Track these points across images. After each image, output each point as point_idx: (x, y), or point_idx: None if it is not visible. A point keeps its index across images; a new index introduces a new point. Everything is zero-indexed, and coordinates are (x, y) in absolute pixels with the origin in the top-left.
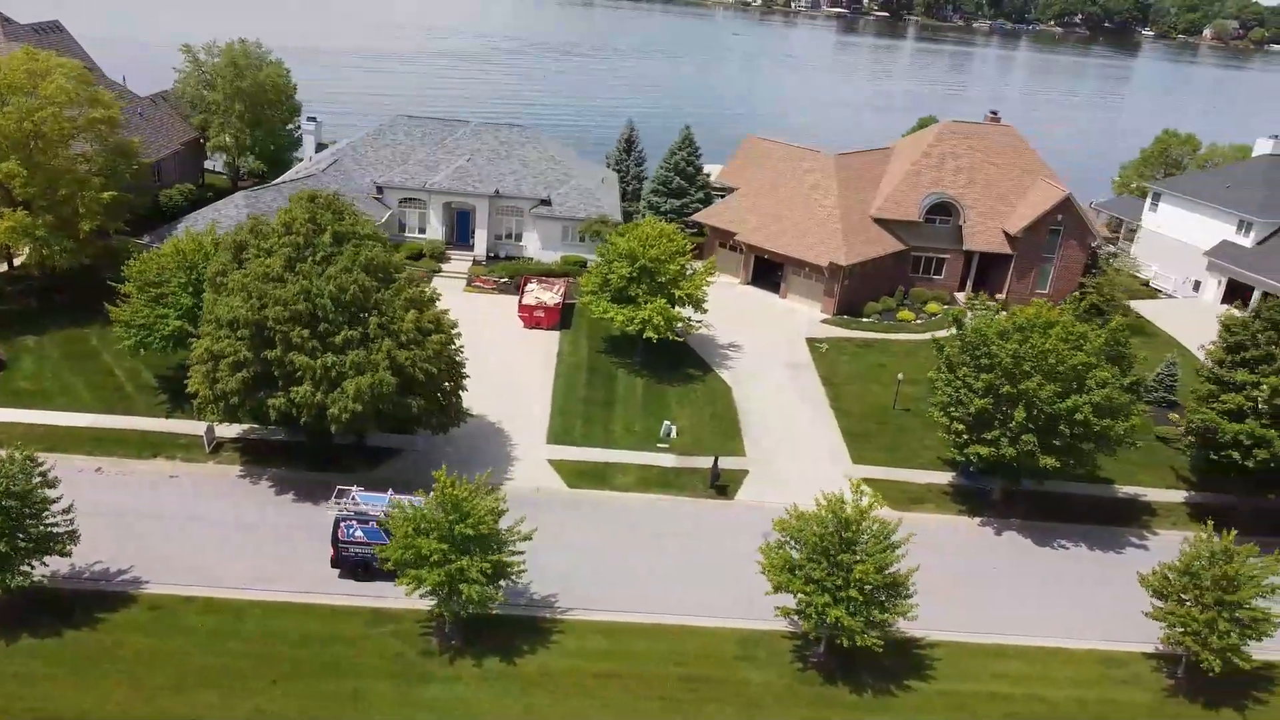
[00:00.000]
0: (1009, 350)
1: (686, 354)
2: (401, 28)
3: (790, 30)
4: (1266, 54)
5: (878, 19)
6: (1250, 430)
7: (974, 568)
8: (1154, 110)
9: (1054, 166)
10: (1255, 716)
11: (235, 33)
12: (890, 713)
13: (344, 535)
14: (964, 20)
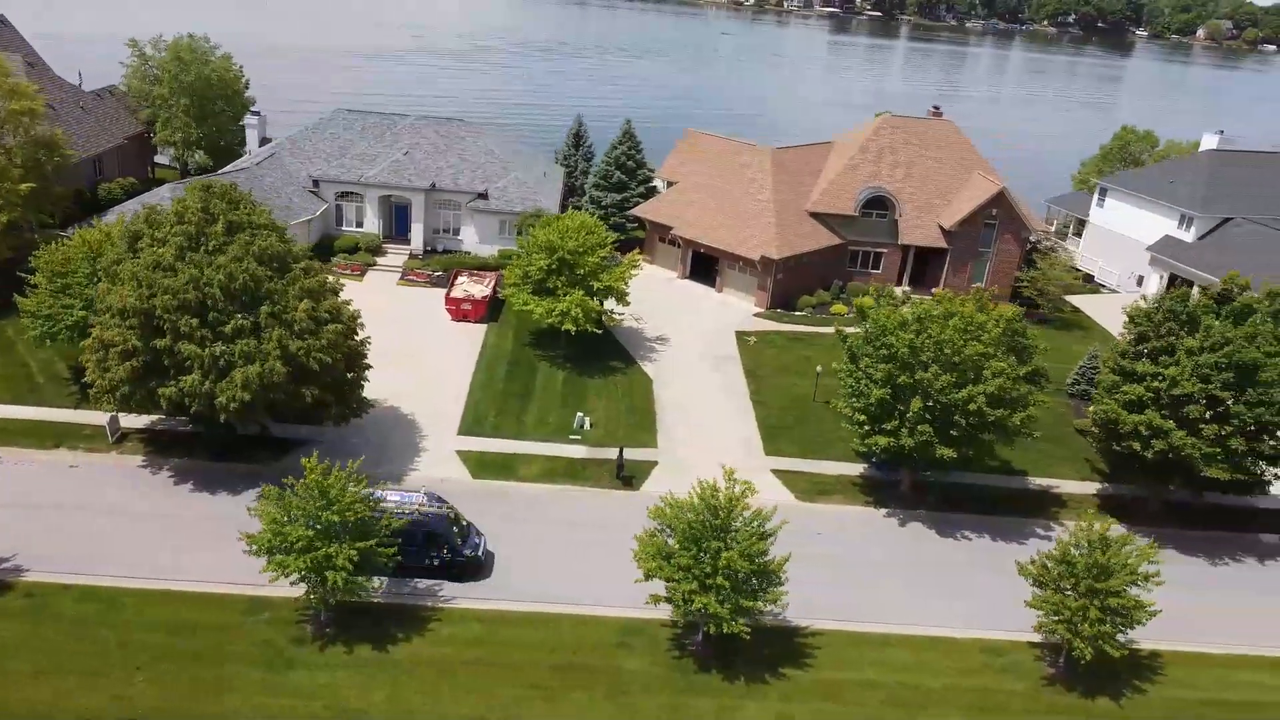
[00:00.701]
0: (905, 341)
1: (612, 347)
2: (383, 25)
3: (782, 30)
4: (1261, 54)
5: (870, 19)
6: (1148, 421)
7: (870, 558)
8: (1142, 109)
9: (1036, 164)
10: (1132, 705)
11: (221, 30)
12: (756, 699)
13: None
14: (957, 20)
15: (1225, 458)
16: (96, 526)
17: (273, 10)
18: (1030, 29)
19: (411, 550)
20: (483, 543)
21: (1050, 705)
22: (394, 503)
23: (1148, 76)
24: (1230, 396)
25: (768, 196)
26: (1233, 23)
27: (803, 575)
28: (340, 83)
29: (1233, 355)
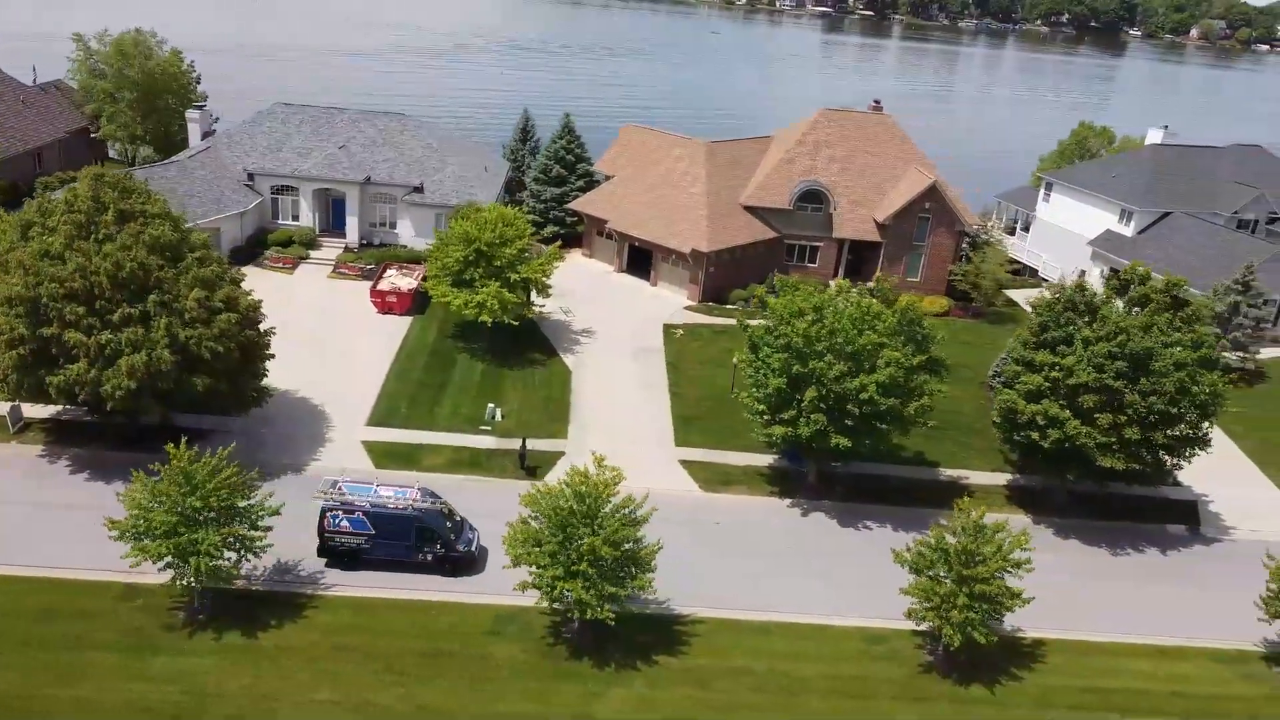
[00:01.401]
0: (800, 330)
1: (536, 339)
2: (369, 24)
3: (773, 29)
4: (1254, 54)
5: (863, 18)
6: (1044, 410)
7: (766, 547)
8: (1128, 108)
9: (1010, 161)
10: (1005, 692)
11: (208, 27)
12: (623, 685)
13: (329, 525)
14: (949, 20)
15: (1120, 447)
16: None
17: (264, 9)
18: (1023, 29)
19: (406, 546)
20: (476, 538)
21: (922, 692)
22: (389, 497)
23: (1139, 76)
24: (1124, 386)
25: (700, 190)
26: (1226, 22)
27: (694, 564)
28: (315, 80)
29: (1126, 345)
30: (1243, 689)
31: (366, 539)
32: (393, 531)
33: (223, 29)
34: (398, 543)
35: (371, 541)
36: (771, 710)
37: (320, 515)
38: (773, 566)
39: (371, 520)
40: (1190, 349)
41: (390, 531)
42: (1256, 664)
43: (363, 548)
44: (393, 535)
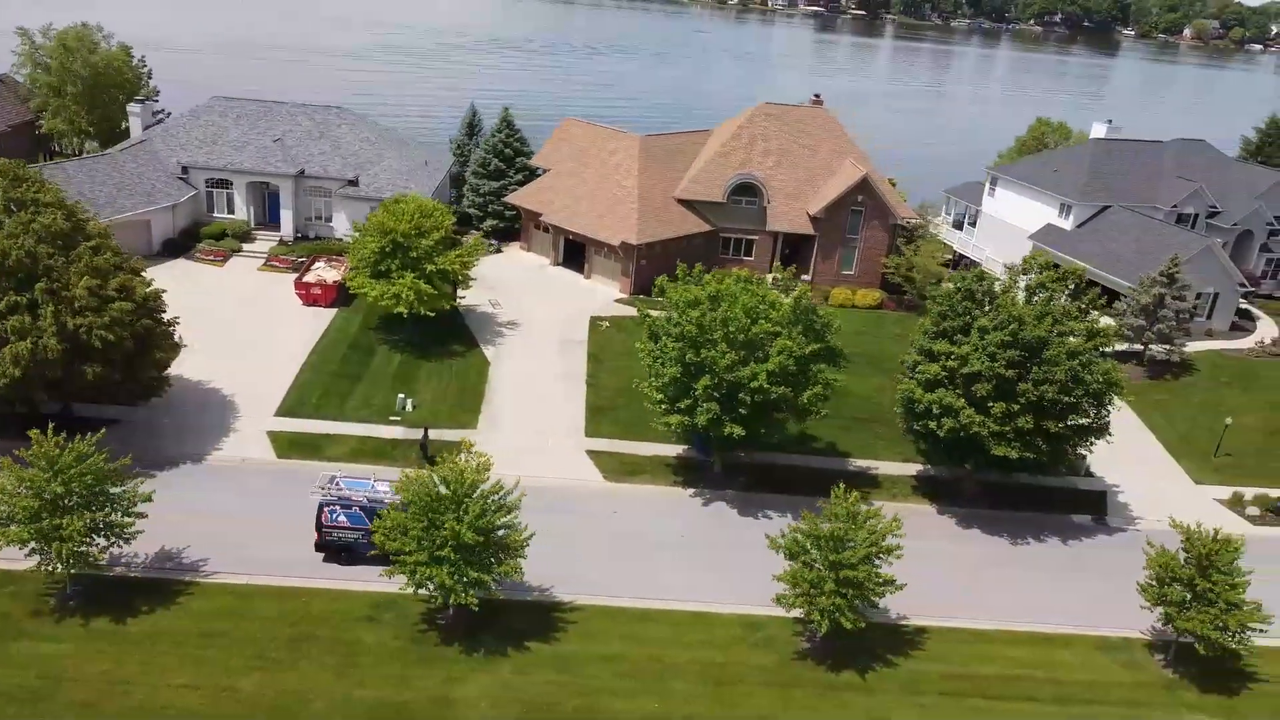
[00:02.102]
0: (694, 319)
1: (460, 331)
2: (353, 23)
3: (763, 29)
4: (1247, 53)
5: (855, 18)
6: (939, 399)
7: (658, 536)
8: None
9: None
10: (875, 678)
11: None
12: (489, 671)
13: (327, 520)
14: (942, 19)
15: (1015, 436)
16: None
17: (252, 7)
18: (1016, 28)
19: None
20: None
21: (792, 678)
22: (385, 492)
23: (1130, 75)
24: (1015, 375)
25: (633, 183)
26: (1219, 22)
27: (585, 552)
28: (286, 78)
29: (1018, 333)
30: (1120, 675)
31: (364, 534)
32: None
33: (207, 28)
34: None
35: (368, 536)
36: (632, 695)
37: (318, 510)
38: (665, 555)
39: (369, 515)
40: (1084, 338)
41: None
42: (1140, 651)
43: (360, 542)
44: None
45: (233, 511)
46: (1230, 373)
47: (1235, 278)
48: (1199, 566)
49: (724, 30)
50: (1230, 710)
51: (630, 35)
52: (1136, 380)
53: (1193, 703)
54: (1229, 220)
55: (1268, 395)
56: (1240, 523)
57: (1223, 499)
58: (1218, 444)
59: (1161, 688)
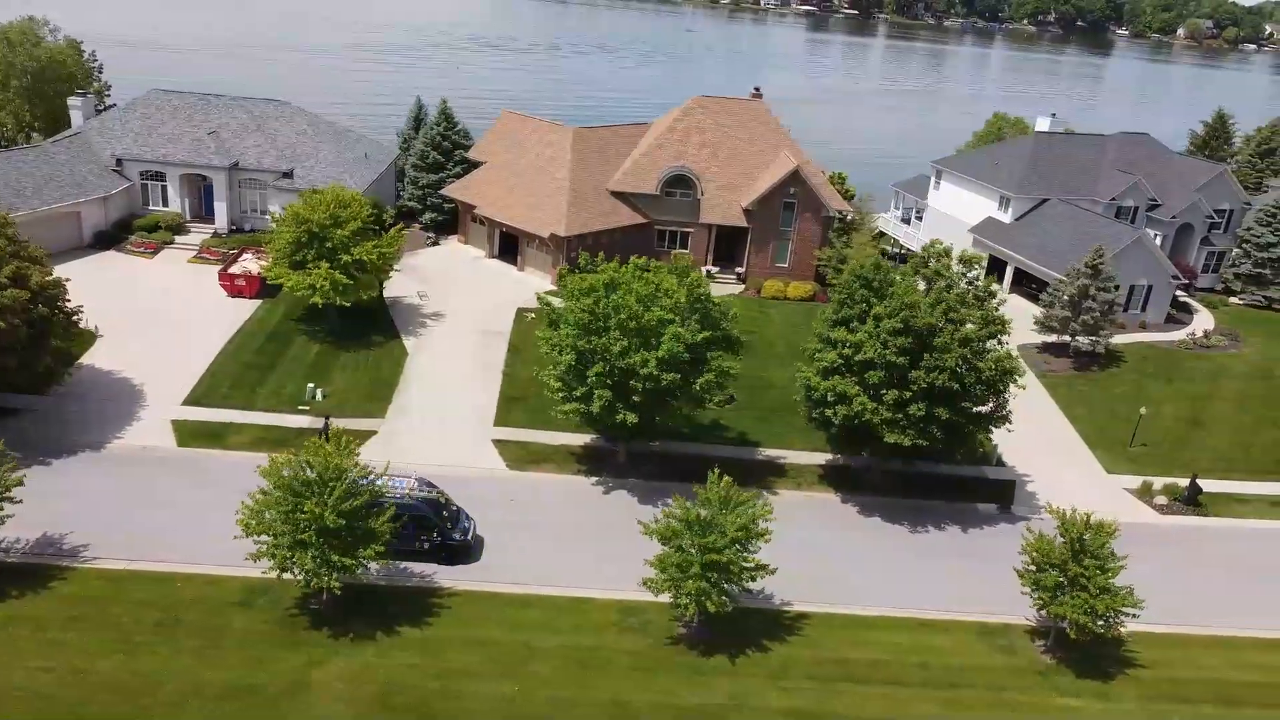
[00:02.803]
0: (586, 306)
1: (384, 322)
2: (330, 20)
3: (754, 28)
4: (1241, 53)
5: (848, 17)
6: (833, 386)
7: (552, 522)
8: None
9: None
10: (745, 662)
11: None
12: (350, 655)
13: None
14: (935, 19)
15: (909, 424)
16: None
17: (236, 5)
18: (1009, 28)
19: (402, 534)
20: (472, 527)
21: (659, 661)
22: (386, 487)
23: (1120, 75)
24: (907, 362)
25: (565, 175)
26: (1213, 22)
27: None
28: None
29: (909, 320)
30: (994, 660)
31: None
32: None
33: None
34: (396, 531)
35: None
36: (492, 678)
37: None
38: (559, 542)
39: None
40: (979, 325)
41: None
42: (1020, 637)
43: None
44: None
45: (123, 499)
46: (1157, 364)
47: (1169, 270)
48: (1071, 551)
49: (714, 30)
50: (1102, 694)
51: (617, 34)
52: (1062, 372)
53: (1065, 687)
54: (1168, 214)
55: (1191, 387)
56: (1147, 512)
57: (1132, 488)
58: (1133, 434)
59: (1034, 673)
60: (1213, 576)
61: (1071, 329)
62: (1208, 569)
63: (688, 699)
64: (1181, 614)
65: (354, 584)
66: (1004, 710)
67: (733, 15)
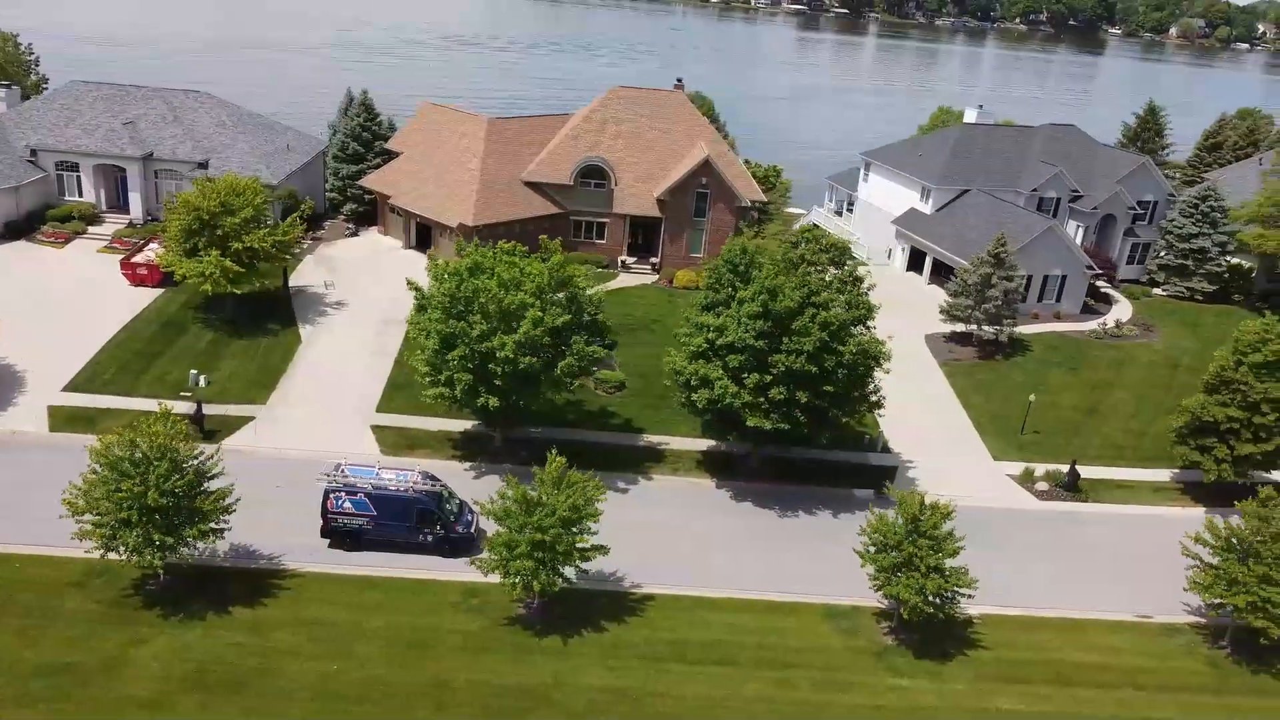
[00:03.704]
0: (447, 290)
1: (284, 311)
2: (311, 18)
3: (743, 27)
4: (1233, 52)
5: (838, 16)
6: (696, 370)
7: None
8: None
9: None
10: (577, 643)
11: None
12: (176, 634)
13: (333, 506)
14: (926, 18)
15: (771, 408)
16: None
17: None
18: (1001, 27)
19: (406, 526)
20: (475, 519)
21: (490, 641)
22: (390, 480)
23: (1111, 74)
24: (766, 345)
25: (476, 165)
26: (1205, 21)
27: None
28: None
29: (769, 305)
30: (834, 641)
31: (368, 520)
32: (394, 513)
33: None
34: (399, 524)
35: (373, 523)
36: (315, 657)
37: (324, 497)
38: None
39: (374, 502)
40: (842, 309)
41: (391, 513)
42: (866, 619)
43: (365, 529)
44: (394, 516)
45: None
46: (1062, 354)
47: (1083, 261)
48: (906, 532)
49: (703, 29)
50: (936, 674)
51: (601, 34)
52: (966, 360)
53: (900, 668)
54: (1090, 205)
55: (1092, 375)
56: (1026, 497)
57: (1015, 475)
58: (1024, 422)
59: (872, 654)
60: (1074, 561)
61: (974, 318)
62: (1071, 553)
63: (509, 678)
64: (1035, 597)
65: (201, 565)
66: (831, 690)
67: (723, 15)
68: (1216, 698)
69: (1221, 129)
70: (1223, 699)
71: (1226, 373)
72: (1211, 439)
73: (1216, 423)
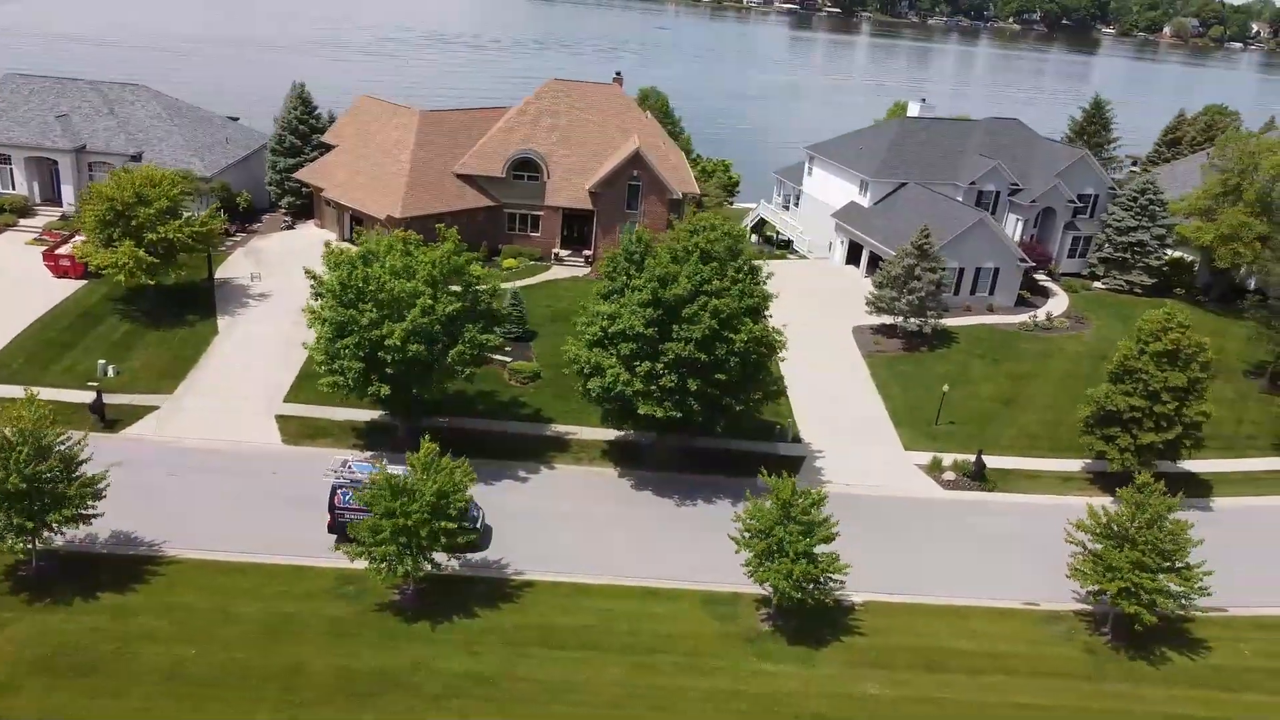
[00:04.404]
0: (338, 278)
1: (206, 302)
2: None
3: (735, 26)
4: (1227, 51)
5: (831, 16)
6: (590, 358)
7: (301, 494)
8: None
9: None
10: (448, 629)
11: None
12: (35, 619)
13: (339, 502)
14: (919, 17)
15: (663, 395)
16: None
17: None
18: (994, 26)
19: None
20: (481, 516)
21: (357, 627)
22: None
23: (1103, 73)
24: (656, 333)
25: (407, 157)
26: (1199, 20)
27: (212, 509)
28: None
29: (658, 292)
30: (707, 628)
31: None
32: None
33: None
34: None
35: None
36: (174, 641)
37: (330, 493)
38: (295, 512)
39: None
40: (735, 298)
41: None
42: (746, 606)
43: None
44: None
45: None
46: (989, 346)
47: (1015, 254)
48: (778, 517)
49: (694, 28)
50: (805, 660)
51: (585, 32)
52: (891, 352)
53: (772, 654)
54: (1029, 198)
55: (1014, 366)
56: (932, 487)
57: (923, 464)
58: (938, 413)
59: (744, 640)
60: (970, 549)
61: (898, 309)
62: (968, 542)
63: (369, 662)
64: (924, 585)
65: (79, 551)
66: (691, 675)
67: (715, 14)
68: (1087, 683)
69: (1180, 125)
70: (1093, 684)
71: (1130, 362)
72: (1115, 428)
73: (1119, 412)
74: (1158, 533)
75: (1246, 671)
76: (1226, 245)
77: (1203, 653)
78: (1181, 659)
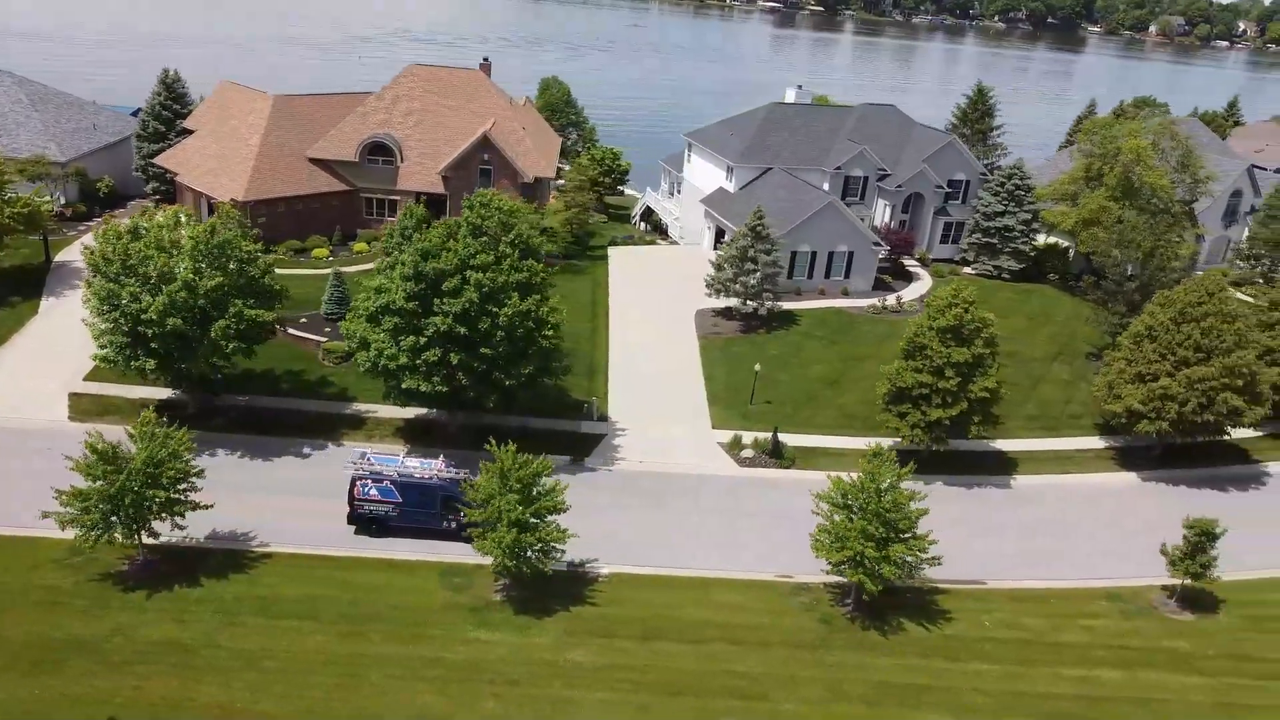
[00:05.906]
0: (100, 253)
1: (34, 284)
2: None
3: (716, 24)
4: (1213, 49)
5: (814, 14)
6: (358, 332)
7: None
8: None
9: None
10: (165, 600)
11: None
12: None
13: (359, 493)
14: (903, 15)
15: (429, 370)
16: None
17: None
18: (979, 24)
19: (431, 513)
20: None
21: (71, 597)
22: (415, 468)
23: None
24: (417, 307)
25: (256, 140)
26: (1185, 19)
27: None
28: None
29: (419, 266)
30: (435, 599)
31: (394, 507)
32: (419, 500)
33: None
34: (424, 511)
35: (399, 509)
36: None
37: (350, 484)
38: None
39: (399, 489)
40: (504, 273)
41: (417, 500)
42: (484, 577)
43: (390, 515)
44: (419, 504)
45: None
46: (829, 328)
47: (869, 238)
48: (496, 487)
49: (675, 25)
50: (524, 629)
51: (561, 29)
52: (729, 334)
53: (492, 622)
54: (895, 183)
55: (849, 348)
56: (728, 463)
57: (724, 442)
58: (752, 392)
59: (468, 609)
60: (739, 524)
61: (734, 291)
62: (740, 518)
63: (68, 630)
64: (681, 558)
65: None
66: (397, 643)
67: (698, 12)
68: (810, 653)
69: (1091, 114)
70: (816, 654)
71: (919, 338)
72: (907, 405)
73: (909, 389)
74: (884, 502)
75: (980, 641)
76: (1088, 229)
77: (942, 623)
78: (918, 629)
